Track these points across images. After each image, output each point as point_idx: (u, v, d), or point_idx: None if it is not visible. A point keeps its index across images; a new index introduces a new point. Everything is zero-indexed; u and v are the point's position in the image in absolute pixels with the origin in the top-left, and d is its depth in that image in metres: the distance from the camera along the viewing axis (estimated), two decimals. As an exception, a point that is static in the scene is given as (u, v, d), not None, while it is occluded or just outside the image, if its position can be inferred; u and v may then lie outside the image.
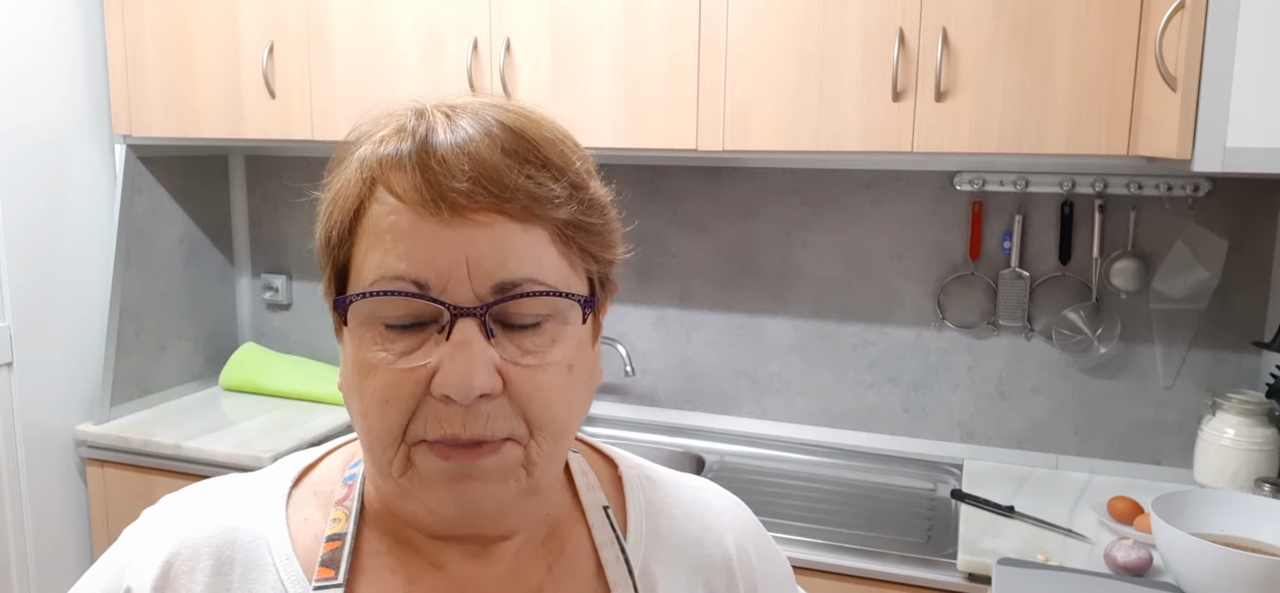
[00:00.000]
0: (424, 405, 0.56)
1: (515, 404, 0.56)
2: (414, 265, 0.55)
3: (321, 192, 0.62)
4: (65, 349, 2.20)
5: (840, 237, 2.11)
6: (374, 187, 0.57)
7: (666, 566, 0.68)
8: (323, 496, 0.66)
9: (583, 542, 0.67)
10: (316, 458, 0.70)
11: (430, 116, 0.58)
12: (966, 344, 2.05)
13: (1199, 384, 1.90)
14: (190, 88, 2.16)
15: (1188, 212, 1.86)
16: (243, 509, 0.65)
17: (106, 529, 2.18)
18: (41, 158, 2.12)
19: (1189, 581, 1.34)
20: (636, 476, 0.73)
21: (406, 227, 0.55)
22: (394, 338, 0.56)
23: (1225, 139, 1.33)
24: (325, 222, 0.60)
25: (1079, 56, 1.58)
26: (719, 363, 2.24)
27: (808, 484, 2.01)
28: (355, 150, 0.59)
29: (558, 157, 0.59)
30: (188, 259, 2.45)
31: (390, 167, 0.57)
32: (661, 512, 0.71)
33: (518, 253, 0.56)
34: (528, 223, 0.56)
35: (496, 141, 0.56)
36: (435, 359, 0.55)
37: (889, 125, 1.69)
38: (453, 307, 0.55)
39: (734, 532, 0.73)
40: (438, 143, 0.56)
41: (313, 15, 2.04)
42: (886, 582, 1.62)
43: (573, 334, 0.59)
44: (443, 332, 0.55)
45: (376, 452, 0.58)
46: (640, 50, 1.82)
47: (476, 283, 0.55)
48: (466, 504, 0.57)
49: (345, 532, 0.63)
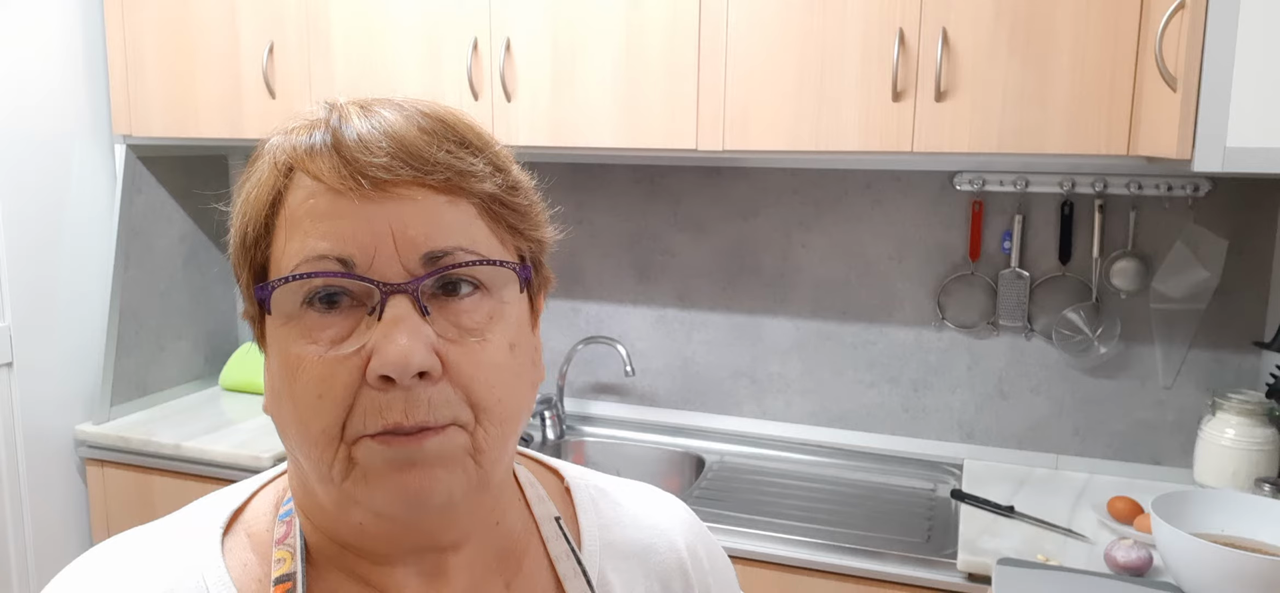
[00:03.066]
0: (361, 397, 0.52)
1: (458, 386, 0.53)
2: (337, 243, 0.52)
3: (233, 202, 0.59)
4: (65, 349, 2.20)
5: (840, 237, 2.11)
6: (290, 173, 0.55)
7: (623, 574, 0.68)
8: (257, 537, 0.61)
9: (539, 556, 0.65)
10: (244, 500, 0.64)
11: (344, 109, 0.56)
12: (966, 344, 2.05)
13: (1199, 384, 1.90)
14: (190, 88, 2.16)
15: (1188, 212, 1.86)
16: (177, 565, 0.59)
17: (106, 530, 2.18)
18: (41, 158, 2.12)
19: (1189, 581, 1.34)
20: (585, 485, 0.72)
21: (326, 206, 0.53)
22: (321, 327, 0.53)
23: (1225, 139, 1.33)
24: (240, 222, 0.57)
25: (1079, 57, 1.58)
26: (719, 363, 2.24)
27: (808, 484, 2.01)
28: (265, 150, 0.57)
29: (476, 138, 0.57)
30: (188, 259, 2.45)
31: (305, 153, 0.55)
32: (612, 522, 0.70)
33: (445, 224, 0.54)
34: (453, 196, 0.55)
35: (414, 122, 0.55)
36: (369, 342, 0.52)
37: (889, 125, 1.69)
38: (382, 283, 0.52)
39: (685, 535, 0.73)
40: (355, 123, 0.55)
41: (313, 15, 2.04)
42: (886, 582, 1.62)
43: (511, 312, 0.57)
44: (373, 313, 0.53)
45: (314, 457, 0.54)
46: (640, 50, 1.82)
47: (405, 256, 0.53)
48: (415, 497, 0.53)
49: (294, 571, 0.58)
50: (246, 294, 0.58)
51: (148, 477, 2.11)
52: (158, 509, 2.11)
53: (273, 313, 0.55)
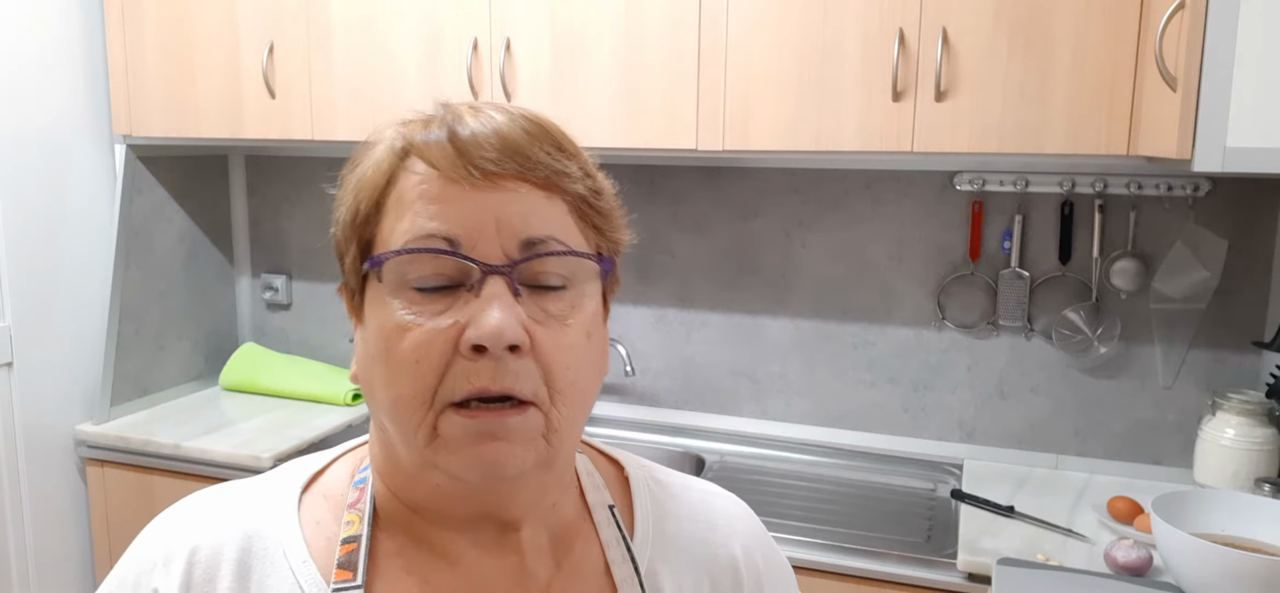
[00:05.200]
0: (454, 364, 0.58)
1: (540, 364, 0.59)
2: (446, 223, 0.58)
3: (339, 186, 0.65)
4: (65, 349, 2.20)
5: (840, 237, 2.11)
6: (406, 158, 0.61)
7: (672, 566, 0.70)
8: (333, 500, 0.67)
9: (590, 541, 0.69)
10: (324, 464, 0.71)
11: (456, 109, 0.62)
12: (966, 344, 2.05)
13: (1199, 384, 1.90)
14: (190, 88, 2.16)
15: (1188, 212, 1.86)
16: (256, 514, 0.66)
17: (106, 529, 2.18)
18: (41, 158, 2.12)
19: (1189, 581, 1.34)
20: (644, 477, 0.75)
21: (438, 191, 0.59)
22: (423, 301, 0.59)
23: (1225, 139, 1.33)
24: (352, 201, 0.62)
25: (1079, 56, 1.58)
26: (719, 363, 2.24)
27: (808, 484, 2.01)
28: (382, 137, 0.63)
29: (569, 144, 0.64)
30: (188, 259, 2.45)
31: (422, 143, 0.61)
32: (668, 513, 0.72)
33: (542, 215, 0.60)
34: (549, 193, 0.61)
35: (518, 125, 0.61)
36: (466, 316, 0.58)
37: (889, 125, 1.69)
38: (483, 263, 0.58)
39: (742, 537, 0.74)
40: (467, 119, 0.61)
41: (313, 15, 2.04)
42: (886, 582, 1.62)
43: (590, 304, 0.63)
44: (472, 290, 0.58)
45: (402, 419, 0.59)
46: (640, 50, 1.82)
47: (505, 241, 0.59)
48: (491, 466, 0.58)
49: (360, 534, 0.64)
50: (351, 267, 0.63)
51: (148, 477, 2.12)
52: (158, 509, 2.10)
53: (382, 282, 0.60)
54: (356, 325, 0.64)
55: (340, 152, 2.47)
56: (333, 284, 2.54)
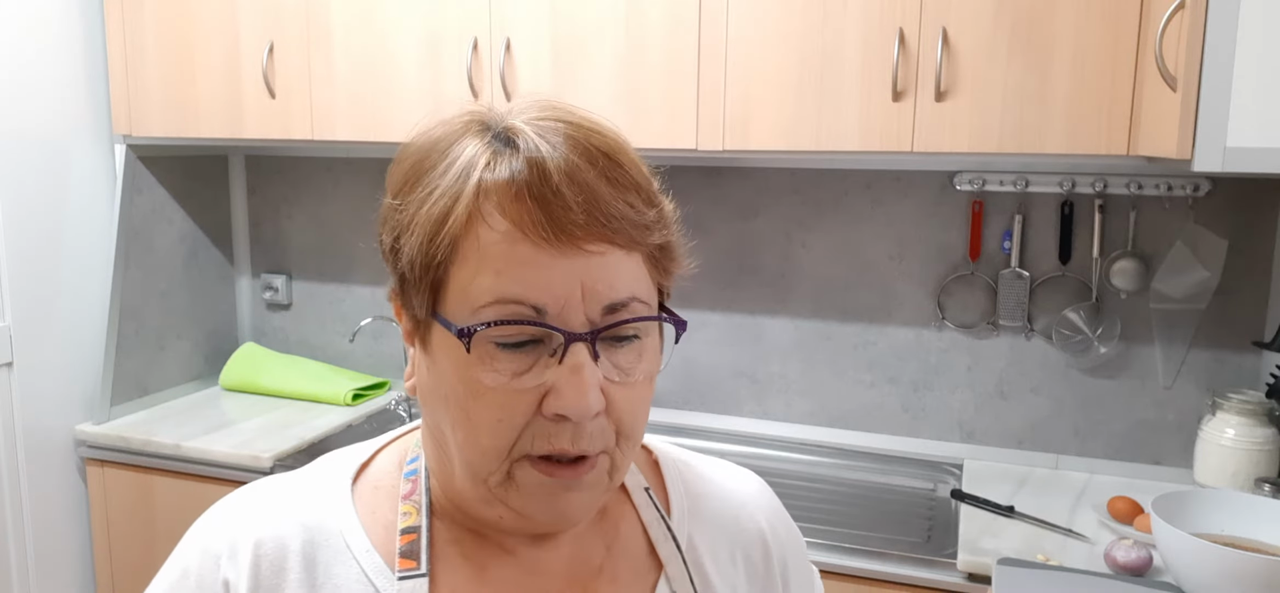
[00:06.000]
0: (534, 423, 0.58)
1: (613, 420, 0.60)
2: (533, 291, 0.57)
3: (393, 200, 0.61)
4: (65, 349, 2.20)
5: (840, 237, 2.11)
6: (487, 214, 0.57)
7: (709, 540, 0.74)
8: (384, 490, 0.69)
9: (633, 522, 0.72)
10: (370, 455, 0.72)
11: (522, 132, 0.59)
12: (966, 344, 2.05)
13: (1199, 384, 1.90)
14: (190, 88, 2.16)
15: (1188, 212, 1.86)
16: (313, 505, 0.67)
17: (106, 529, 2.18)
18: (41, 158, 2.12)
19: (1189, 581, 1.34)
20: (673, 459, 0.78)
21: (524, 255, 0.57)
22: (505, 359, 0.58)
23: (1225, 139, 1.33)
24: (425, 239, 0.59)
25: (1079, 56, 1.58)
26: (719, 363, 2.24)
27: (808, 484, 2.01)
28: (448, 166, 0.59)
29: (644, 180, 0.62)
30: (188, 259, 2.45)
31: (505, 194, 0.57)
32: (700, 493, 0.76)
33: (624, 276, 0.59)
34: (631, 250, 0.60)
35: (600, 169, 0.59)
36: (549, 380, 0.58)
37: (889, 125, 1.69)
38: (568, 333, 0.57)
39: (765, 511, 0.79)
40: (550, 170, 0.57)
41: (313, 15, 2.04)
42: (886, 582, 1.62)
43: (653, 346, 0.63)
44: (555, 354, 0.58)
45: (479, 465, 0.60)
46: (640, 50, 1.82)
47: (589, 307, 0.58)
48: (562, 516, 0.62)
49: (419, 524, 0.66)
50: (419, 302, 0.60)
51: (148, 477, 2.11)
52: (158, 510, 2.11)
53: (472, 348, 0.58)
54: (418, 349, 0.63)
55: (340, 152, 2.47)
56: (333, 284, 2.54)
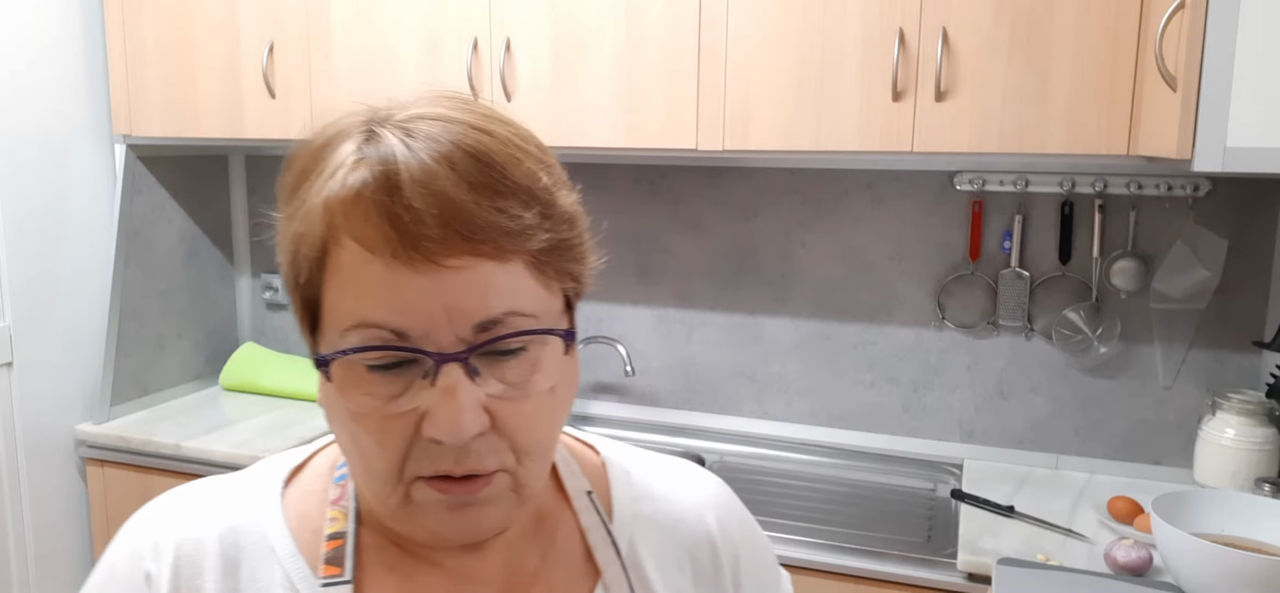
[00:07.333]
0: (416, 445, 0.55)
1: (503, 437, 0.56)
2: (392, 315, 0.53)
3: (279, 212, 0.59)
4: (65, 349, 2.20)
5: (840, 237, 2.11)
6: (337, 232, 0.54)
7: (652, 546, 0.70)
8: (315, 495, 0.67)
9: (571, 528, 0.69)
10: (304, 458, 0.70)
11: (384, 137, 0.54)
12: (966, 344, 2.05)
13: (1199, 384, 1.90)
14: (190, 88, 2.16)
15: (1188, 211, 1.86)
16: (239, 508, 0.65)
17: (106, 529, 2.18)
18: (41, 158, 2.12)
19: (1189, 581, 1.34)
20: (619, 461, 0.75)
21: (378, 276, 0.53)
22: (378, 382, 0.55)
23: (1225, 139, 1.33)
24: (290, 259, 0.57)
25: (1079, 56, 1.58)
26: (719, 363, 2.24)
27: (808, 484, 2.01)
28: (319, 174, 0.56)
29: (525, 177, 0.56)
30: (188, 259, 2.45)
31: (352, 210, 0.53)
32: (644, 495, 0.73)
33: (497, 289, 0.54)
34: (504, 259, 0.54)
35: (461, 175, 0.53)
36: (423, 403, 0.54)
37: (889, 125, 1.69)
38: (436, 354, 0.54)
39: (715, 509, 0.74)
40: (400, 181, 0.52)
41: (313, 15, 2.04)
42: (886, 582, 1.62)
43: (552, 354, 0.58)
44: (427, 377, 0.54)
45: (376, 488, 0.58)
46: (640, 50, 1.82)
47: (458, 326, 0.53)
48: (467, 530, 0.58)
49: (346, 530, 0.64)
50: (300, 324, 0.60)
51: (148, 477, 2.11)
52: (158, 509, 2.11)
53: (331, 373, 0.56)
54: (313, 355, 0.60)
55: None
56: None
